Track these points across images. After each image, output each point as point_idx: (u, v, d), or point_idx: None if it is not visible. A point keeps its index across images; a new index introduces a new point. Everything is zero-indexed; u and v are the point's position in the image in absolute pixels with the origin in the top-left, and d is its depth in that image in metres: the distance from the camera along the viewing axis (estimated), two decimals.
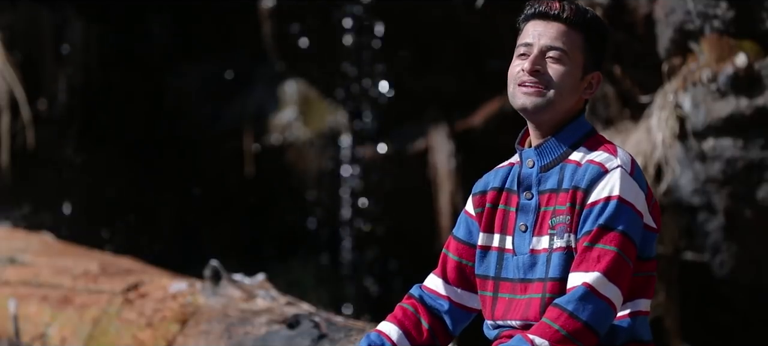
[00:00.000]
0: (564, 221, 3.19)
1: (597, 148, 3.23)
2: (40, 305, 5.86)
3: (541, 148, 3.26)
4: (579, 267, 3.14)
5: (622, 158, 3.19)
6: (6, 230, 7.46)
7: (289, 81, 8.73)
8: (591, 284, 3.10)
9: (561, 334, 3.08)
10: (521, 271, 3.25)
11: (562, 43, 3.23)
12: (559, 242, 3.19)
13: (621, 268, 3.12)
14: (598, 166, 3.18)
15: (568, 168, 3.22)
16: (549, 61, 3.23)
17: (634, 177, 3.18)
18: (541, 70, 3.23)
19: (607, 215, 3.13)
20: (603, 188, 3.16)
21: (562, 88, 3.22)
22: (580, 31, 3.25)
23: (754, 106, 5.56)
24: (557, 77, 3.22)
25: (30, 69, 8.32)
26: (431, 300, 3.42)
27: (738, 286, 6.31)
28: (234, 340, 4.69)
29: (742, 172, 5.71)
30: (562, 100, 3.23)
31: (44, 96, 8.43)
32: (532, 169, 3.26)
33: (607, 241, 3.12)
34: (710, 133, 5.71)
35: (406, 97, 8.18)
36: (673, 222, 6.22)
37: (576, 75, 3.24)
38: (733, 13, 5.59)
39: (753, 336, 6.60)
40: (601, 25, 3.30)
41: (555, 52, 3.23)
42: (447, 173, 8.05)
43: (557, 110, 3.23)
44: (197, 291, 5.24)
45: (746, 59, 5.56)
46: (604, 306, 3.10)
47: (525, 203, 3.27)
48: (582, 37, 3.25)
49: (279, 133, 8.68)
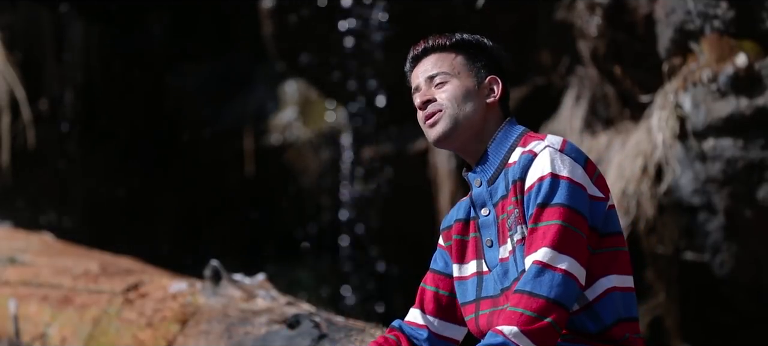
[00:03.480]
0: (515, 215, 3.23)
1: (527, 143, 3.28)
2: (41, 305, 5.86)
3: (481, 165, 3.33)
4: (529, 250, 3.17)
5: (551, 140, 3.25)
6: (6, 230, 7.46)
7: (289, 81, 8.73)
8: (541, 260, 3.12)
9: (526, 315, 3.08)
10: (499, 282, 3.29)
11: (439, 67, 3.36)
12: (518, 236, 3.23)
13: (568, 238, 3.14)
14: (528, 154, 3.23)
15: (510, 170, 3.27)
16: (437, 89, 3.35)
17: (566, 152, 3.22)
18: (431, 99, 3.35)
19: (544, 193, 3.17)
20: (535, 170, 3.20)
21: (456, 102, 3.32)
22: (451, 51, 3.37)
23: (754, 106, 5.56)
24: (447, 95, 3.33)
25: (30, 69, 8.32)
26: (411, 330, 3.48)
27: (738, 286, 6.31)
28: (234, 340, 4.69)
29: (742, 172, 5.71)
30: (463, 114, 3.32)
31: (44, 96, 8.43)
32: (480, 187, 3.33)
33: (548, 216, 3.15)
34: (710, 133, 5.71)
35: (406, 96, 8.17)
36: (673, 222, 6.22)
37: (467, 85, 3.34)
38: (733, 13, 5.59)
39: (753, 336, 6.60)
40: (470, 38, 3.40)
41: (438, 77, 3.36)
42: (447, 172, 8.05)
43: (465, 126, 3.32)
44: (197, 291, 5.24)
45: (746, 59, 5.56)
46: (561, 277, 3.10)
47: (484, 219, 3.33)
48: (455, 54, 3.37)
49: (279, 133, 8.68)
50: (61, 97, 8.51)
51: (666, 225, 6.19)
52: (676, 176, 5.98)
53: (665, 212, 6.19)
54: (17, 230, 7.46)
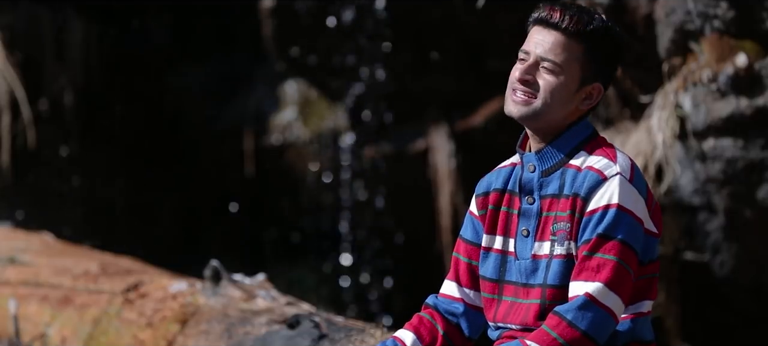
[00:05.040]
0: (564, 228, 3.18)
1: (597, 153, 3.21)
2: (41, 305, 5.85)
3: (541, 153, 3.24)
4: (579, 276, 3.13)
5: (622, 164, 3.17)
6: (6, 230, 7.45)
7: (289, 81, 8.73)
8: (591, 294, 3.09)
9: (558, 342, 3.08)
10: (524, 275, 3.25)
11: (556, 55, 3.20)
12: (560, 249, 3.18)
13: (621, 277, 3.11)
14: (596, 174, 3.16)
15: (569, 173, 3.20)
16: (542, 72, 3.21)
17: (634, 183, 3.16)
18: (531, 79, 3.21)
19: (606, 223, 3.12)
20: (602, 195, 3.14)
21: (551, 99, 3.19)
22: (580, 42, 3.21)
23: (754, 106, 5.56)
24: (547, 89, 3.20)
25: (30, 69, 8.32)
26: (446, 305, 3.40)
27: (738, 286, 6.31)
28: (234, 340, 4.69)
29: (743, 172, 5.71)
30: (550, 112, 3.21)
31: (45, 96, 8.42)
32: (533, 173, 3.25)
33: (606, 250, 3.11)
34: (710, 133, 5.71)
35: (406, 97, 8.18)
36: (673, 222, 6.22)
37: (570, 86, 3.21)
38: (733, 13, 5.59)
39: (753, 336, 6.59)
40: (605, 36, 3.24)
41: (548, 63, 3.20)
42: (447, 172, 8.05)
43: (546, 120, 3.22)
44: (197, 291, 5.24)
45: (746, 59, 5.56)
46: (604, 316, 3.10)
47: (527, 207, 3.26)
48: (582, 48, 3.21)
49: (279, 133, 8.68)
50: (61, 97, 8.50)
51: (666, 225, 6.18)
52: (676, 175, 5.98)
53: (665, 212, 6.18)
54: (17, 230, 7.46)
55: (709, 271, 6.23)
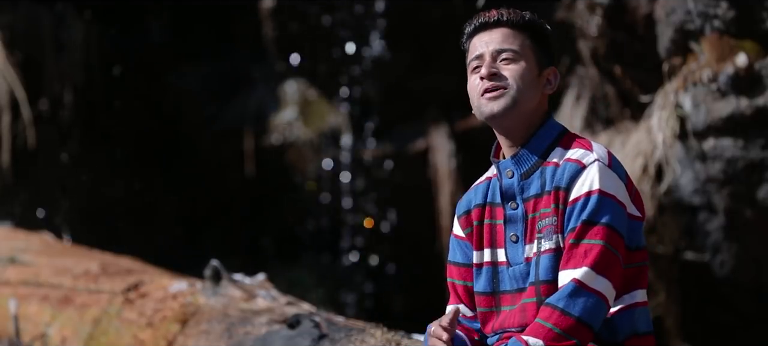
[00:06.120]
0: (550, 223, 3.20)
1: (572, 146, 3.24)
2: (41, 304, 5.86)
3: (517, 157, 3.27)
4: (567, 265, 3.15)
5: (599, 152, 3.21)
6: (6, 230, 7.46)
7: (289, 81, 8.73)
8: (580, 279, 3.11)
9: (554, 332, 3.09)
10: (519, 280, 3.27)
11: (511, 43, 3.27)
12: (548, 244, 3.20)
13: (609, 260, 3.13)
14: (575, 163, 3.19)
15: (548, 170, 3.23)
16: (503, 64, 3.26)
17: (613, 168, 3.19)
18: (497, 73, 3.25)
19: (590, 209, 3.15)
20: (583, 183, 3.17)
21: (522, 84, 3.24)
22: (522, 31, 3.29)
23: (754, 106, 5.56)
24: (515, 75, 3.25)
25: (30, 69, 8.32)
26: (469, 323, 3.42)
27: (738, 286, 6.31)
28: (234, 340, 4.69)
29: (743, 172, 5.71)
30: (525, 99, 3.25)
31: (45, 96, 8.42)
32: (512, 179, 3.28)
33: (592, 235, 3.14)
34: (710, 133, 5.71)
35: (406, 97, 8.18)
36: (673, 222, 6.22)
37: (533, 71, 3.27)
38: (733, 13, 5.59)
39: (753, 336, 6.60)
40: (541, 23, 3.33)
41: (507, 53, 3.27)
42: (447, 172, 8.06)
43: (523, 111, 3.25)
44: (198, 291, 5.24)
45: (746, 59, 5.56)
46: (595, 300, 3.11)
47: (511, 213, 3.29)
48: (526, 35, 3.28)
49: (279, 133, 8.68)
50: (61, 97, 8.50)
51: (666, 225, 6.19)
52: (677, 175, 5.98)
53: (665, 211, 6.19)
54: (17, 230, 7.46)
55: (709, 271, 6.23)
